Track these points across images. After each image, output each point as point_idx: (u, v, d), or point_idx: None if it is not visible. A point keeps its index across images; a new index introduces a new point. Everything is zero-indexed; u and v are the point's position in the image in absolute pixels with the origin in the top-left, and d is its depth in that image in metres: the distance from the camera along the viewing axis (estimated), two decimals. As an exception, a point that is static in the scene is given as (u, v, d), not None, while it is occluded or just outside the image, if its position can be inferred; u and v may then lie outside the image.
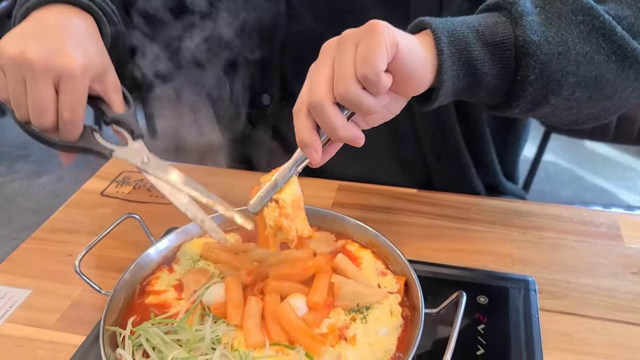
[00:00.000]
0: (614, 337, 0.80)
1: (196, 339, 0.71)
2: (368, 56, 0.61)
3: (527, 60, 0.72)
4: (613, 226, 1.01)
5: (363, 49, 0.61)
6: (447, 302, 0.75)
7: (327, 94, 0.63)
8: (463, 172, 1.13)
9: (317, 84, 0.64)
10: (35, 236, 1.04)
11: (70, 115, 0.74)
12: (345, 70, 0.62)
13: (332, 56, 0.65)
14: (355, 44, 0.63)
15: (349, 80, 0.62)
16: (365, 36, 0.62)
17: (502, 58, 0.73)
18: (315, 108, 0.64)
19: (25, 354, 0.81)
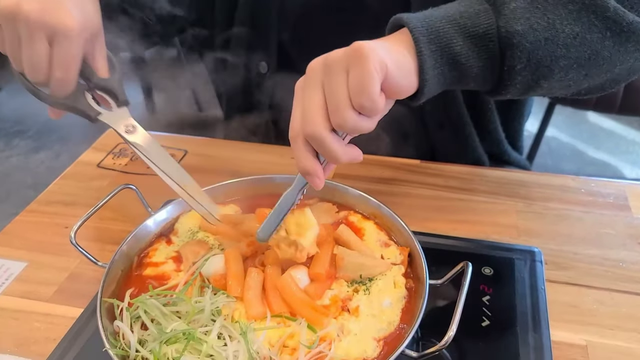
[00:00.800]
0: (621, 308, 0.79)
1: (195, 310, 0.69)
2: (362, 86, 0.60)
3: (512, 50, 0.69)
4: (621, 197, 0.99)
5: (355, 78, 0.60)
6: (453, 272, 0.74)
7: (324, 123, 0.62)
8: (466, 141, 1.10)
9: (312, 114, 0.62)
10: (31, 208, 1.02)
11: (62, 74, 0.72)
12: (339, 100, 0.61)
13: (320, 81, 0.63)
14: (345, 70, 0.61)
15: (346, 110, 0.61)
16: (355, 63, 0.60)
17: (487, 50, 0.70)
18: (314, 139, 0.63)
19: (21, 327, 0.79)
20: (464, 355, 0.73)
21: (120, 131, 0.76)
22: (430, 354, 0.65)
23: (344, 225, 0.82)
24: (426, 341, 0.75)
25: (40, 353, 0.75)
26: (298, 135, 0.64)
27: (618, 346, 0.73)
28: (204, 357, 0.64)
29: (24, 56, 0.72)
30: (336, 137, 0.63)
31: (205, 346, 0.65)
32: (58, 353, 0.75)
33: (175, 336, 0.66)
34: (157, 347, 0.65)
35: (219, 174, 1.07)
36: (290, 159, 1.12)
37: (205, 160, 1.13)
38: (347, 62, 0.61)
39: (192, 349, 0.65)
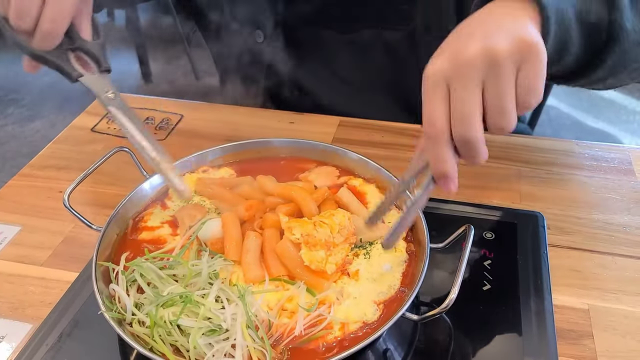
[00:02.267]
0: (624, 272, 0.78)
1: (192, 273, 0.68)
2: (535, 86, 0.54)
3: (613, 46, 0.65)
4: (625, 161, 0.97)
5: (529, 77, 0.53)
6: (455, 235, 0.72)
7: (481, 127, 0.55)
8: None
9: (471, 118, 0.54)
10: (24, 173, 0.99)
11: (49, 28, 0.69)
12: (507, 103, 0.54)
13: (481, 78, 0.54)
14: (516, 67, 0.53)
15: (513, 114, 0.55)
16: (529, 60, 0.53)
17: (592, 41, 0.65)
18: (468, 143, 0.55)
19: (15, 290, 0.78)
20: (465, 319, 0.72)
21: (100, 95, 0.73)
22: (431, 317, 0.64)
23: (344, 188, 0.81)
24: (426, 305, 0.74)
25: (35, 317, 0.74)
26: (442, 135, 0.55)
27: (621, 310, 0.73)
28: (201, 319, 0.63)
29: (12, 1, 0.68)
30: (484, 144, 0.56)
31: (202, 309, 0.64)
32: (53, 317, 0.74)
33: (172, 299, 0.65)
34: (154, 310, 0.64)
35: (215, 138, 1.05)
36: (288, 123, 1.09)
37: (201, 124, 1.11)
38: (519, 58, 0.53)
39: (189, 311, 0.64)
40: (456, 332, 0.71)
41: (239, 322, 0.63)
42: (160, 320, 0.63)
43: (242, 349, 0.62)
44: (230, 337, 0.62)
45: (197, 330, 0.62)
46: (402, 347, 0.70)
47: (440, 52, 0.57)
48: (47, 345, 0.70)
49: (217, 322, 0.63)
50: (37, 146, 1.07)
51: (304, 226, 0.71)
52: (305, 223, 0.72)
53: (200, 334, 0.62)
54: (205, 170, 0.89)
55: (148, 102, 1.18)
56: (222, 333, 0.63)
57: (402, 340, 0.70)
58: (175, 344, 0.63)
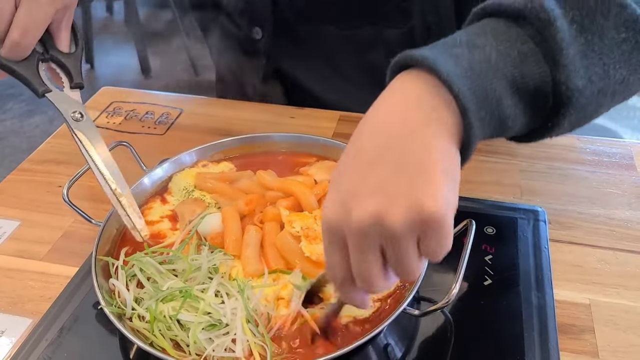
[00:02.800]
0: (626, 267, 0.77)
1: (192, 268, 0.68)
2: (440, 252, 0.48)
3: (566, 109, 0.54)
4: (627, 156, 0.97)
5: (432, 246, 0.47)
6: (456, 230, 0.71)
7: (383, 278, 0.50)
8: None
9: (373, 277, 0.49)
10: (23, 167, 0.99)
11: (19, 38, 0.65)
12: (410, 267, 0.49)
13: (378, 245, 0.48)
14: (416, 239, 0.48)
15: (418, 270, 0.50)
16: (430, 231, 0.46)
17: (535, 108, 0.54)
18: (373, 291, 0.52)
19: (15, 285, 0.78)
20: (466, 314, 0.72)
21: (65, 116, 0.69)
22: (431, 312, 0.64)
23: None
24: (427, 300, 0.73)
25: (35, 311, 0.74)
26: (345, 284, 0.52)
27: (622, 304, 0.72)
28: (201, 314, 0.63)
29: None
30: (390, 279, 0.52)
31: (202, 304, 0.64)
32: (53, 311, 0.73)
33: (172, 294, 0.65)
34: (154, 305, 0.64)
35: (215, 133, 1.05)
36: (289, 118, 1.09)
37: (200, 119, 1.11)
38: (418, 231, 0.47)
39: (189, 306, 0.64)
40: (457, 327, 0.71)
41: (239, 316, 0.63)
42: (160, 314, 0.63)
43: (242, 343, 0.61)
44: (230, 331, 0.62)
45: (196, 325, 0.62)
46: (403, 342, 0.70)
47: (334, 195, 0.50)
48: (46, 340, 0.70)
49: (217, 317, 0.63)
50: (36, 141, 1.07)
51: (304, 219, 0.71)
52: (305, 216, 0.72)
53: (200, 328, 0.62)
54: (204, 165, 0.88)
55: (147, 96, 1.17)
56: (222, 328, 0.63)
57: (402, 335, 0.70)
58: (176, 339, 0.63)
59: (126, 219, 0.68)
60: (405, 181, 0.46)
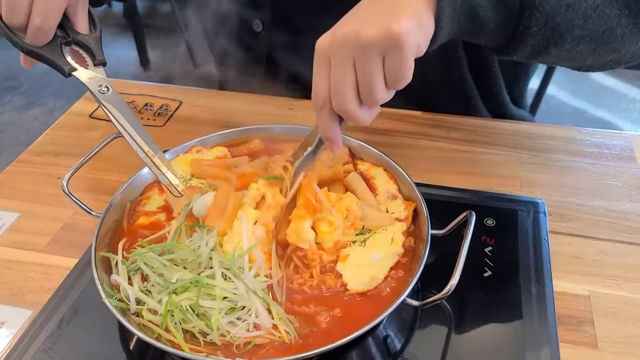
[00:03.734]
0: (625, 259, 0.77)
1: (197, 256, 0.67)
2: (400, 74, 0.59)
3: (532, 10, 0.66)
4: (627, 148, 0.97)
5: (393, 66, 0.59)
6: (456, 221, 0.72)
7: (356, 100, 0.62)
8: (469, 103, 1.08)
9: (344, 92, 0.61)
10: (22, 159, 0.99)
11: (41, 22, 0.69)
12: (374, 84, 0.60)
13: (352, 58, 0.60)
14: (381, 54, 0.59)
15: (380, 92, 0.61)
16: (392, 51, 0.58)
17: (506, 6, 0.67)
18: (345, 114, 0.63)
19: (15, 276, 0.78)
20: (465, 305, 0.72)
21: (93, 90, 0.73)
22: (431, 302, 0.64)
23: (354, 172, 0.80)
24: (427, 291, 0.73)
25: (35, 303, 0.74)
26: (325, 104, 0.63)
27: (622, 296, 0.73)
28: (219, 300, 0.63)
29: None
30: (365, 110, 0.63)
31: (217, 290, 0.64)
32: (53, 303, 0.73)
33: (183, 285, 0.65)
34: (167, 298, 0.63)
35: (214, 125, 1.05)
36: (287, 109, 1.09)
37: (200, 110, 1.10)
38: (384, 47, 0.58)
39: (203, 294, 0.64)
40: (456, 318, 0.71)
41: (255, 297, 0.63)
42: (175, 307, 0.63)
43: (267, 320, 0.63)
44: (251, 310, 0.63)
45: (217, 312, 0.62)
46: (403, 333, 0.70)
47: (331, 29, 0.62)
48: (47, 331, 0.70)
49: (235, 300, 0.63)
50: (36, 134, 1.06)
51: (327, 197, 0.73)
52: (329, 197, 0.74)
53: (222, 314, 0.62)
54: (198, 151, 0.88)
55: (146, 88, 1.17)
56: (240, 310, 0.63)
57: (402, 326, 0.70)
58: (192, 330, 0.63)
59: (162, 177, 0.71)
60: (382, 13, 0.59)
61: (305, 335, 0.63)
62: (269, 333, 0.63)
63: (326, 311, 0.66)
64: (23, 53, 0.74)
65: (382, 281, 0.69)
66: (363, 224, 0.74)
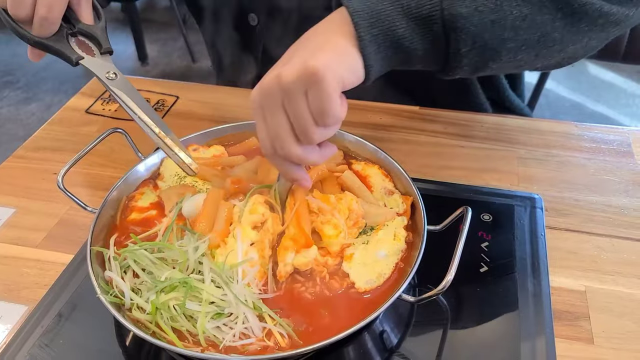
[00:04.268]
0: (622, 254, 0.77)
1: (185, 257, 0.67)
2: (324, 109, 0.59)
3: (457, 33, 0.66)
4: (624, 143, 0.96)
5: (315, 102, 0.58)
6: (452, 217, 0.72)
7: (296, 144, 0.62)
8: (468, 88, 1.07)
9: (283, 139, 0.62)
10: (18, 154, 0.99)
11: (46, 13, 0.70)
12: (305, 124, 0.60)
13: (280, 103, 0.60)
14: (303, 93, 0.59)
15: (313, 131, 0.60)
16: (312, 87, 0.58)
17: (431, 33, 0.67)
18: (291, 159, 0.64)
19: (11, 272, 0.78)
20: (462, 301, 0.72)
21: (101, 77, 0.74)
22: (427, 298, 0.64)
23: (348, 171, 0.80)
24: (423, 287, 0.73)
25: (31, 298, 0.74)
26: (274, 154, 0.64)
27: (618, 291, 0.73)
28: (206, 304, 0.63)
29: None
30: (310, 148, 0.63)
31: (204, 294, 0.63)
32: (49, 298, 0.73)
33: (171, 285, 0.64)
34: (154, 297, 0.63)
35: (211, 120, 1.04)
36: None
37: (196, 105, 1.10)
38: (304, 85, 0.58)
39: (190, 296, 0.64)
40: (453, 313, 0.71)
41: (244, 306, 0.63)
42: (163, 305, 0.63)
43: (259, 328, 0.62)
44: (238, 318, 0.62)
45: (204, 315, 0.62)
46: (399, 328, 0.70)
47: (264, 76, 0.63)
48: (42, 327, 0.70)
49: (223, 306, 0.63)
50: (33, 129, 1.06)
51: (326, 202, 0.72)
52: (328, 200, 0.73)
53: (208, 318, 0.62)
54: (195, 149, 0.87)
55: (143, 83, 1.16)
56: (227, 317, 0.63)
57: (398, 321, 0.70)
58: (180, 329, 0.63)
59: (175, 157, 0.71)
60: (302, 53, 0.60)
61: (303, 332, 0.63)
62: (261, 340, 0.62)
63: (325, 309, 0.66)
64: (30, 45, 0.74)
65: (388, 277, 0.69)
66: (365, 222, 0.74)
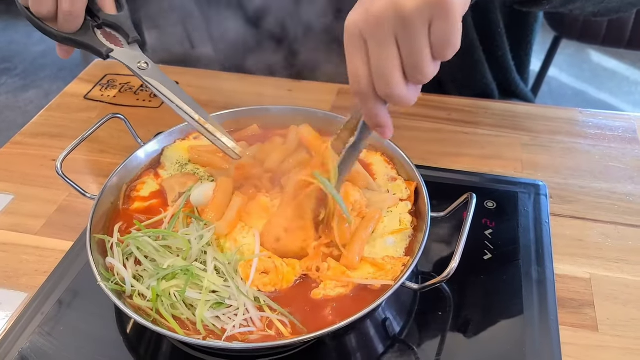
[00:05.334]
0: (627, 242, 0.77)
1: (189, 246, 0.66)
2: (449, 41, 0.52)
3: None
4: (629, 129, 0.95)
5: (441, 32, 0.52)
6: (456, 204, 0.71)
7: (403, 81, 0.55)
8: (475, 67, 1.06)
9: (391, 75, 0.54)
10: (16, 140, 0.98)
11: (69, 7, 0.70)
12: (421, 57, 0.53)
13: (393, 34, 0.53)
14: (427, 23, 0.52)
15: (429, 66, 0.54)
16: (440, 16, 0.51)
17: None
18: (393, 98, 0.56)
19: (10, 259, 0.77)
20: (465, 288, 0.71)
21: (133, 68, 0.74)
22: (431, 286, 0.63)
23: None
24: (427, 274, 0.73)
25: (30, 285, 0.73)
26: (368, 91, 0.56)
27: (623, 279, 0.72)
28: (206, 293, 0.62)
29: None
30: (412, 91, 0.56)
31: (205, 282, 0.63)
32: (49, 285, 0.73)
33: (173, 272, 0.64)
34: (156, 284, 0.63)
35: (212, 106, 1.03)
36: (286, 91, 1.07)
37: (198, 91, 1.08)
38: (429, 14, 0.51)
39: (191, 284, 0.63)
40: (456, 301, 0.70)
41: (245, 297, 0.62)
42: (164, 293, 0.62)
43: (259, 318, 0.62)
44: (239, 309, 0.62)
45: (203, 304, 0.61)
46: (402, 316, 0.69)
47: (357, 5, 0.56)
48: (42, 314, 0.69)
49: (224, 295, 0.62)
50: (32, 116, 1.05)
51: None
52: None
53: (207, 307, 0.61)
54: (196, 137, 0.86)
55: (142, 69, 1.15)
56: (226, 307, 0.62)
57: (401, 309, 0.70)
58: (181, 317, 0.62)
59: (218, 142, 0.72)
60: None
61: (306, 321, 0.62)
62: (262, 330, 0.61)
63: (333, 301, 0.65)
64: (58, 42, 0.74)
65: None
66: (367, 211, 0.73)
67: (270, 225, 0.69)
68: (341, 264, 0.66)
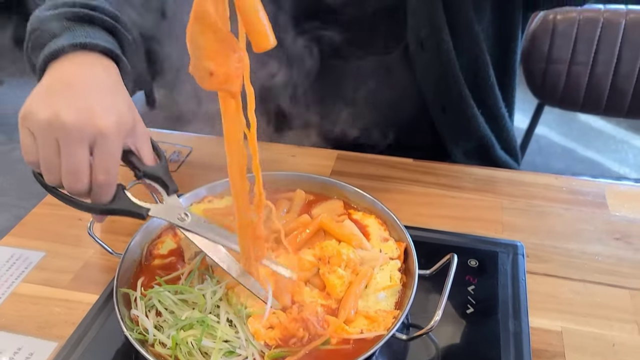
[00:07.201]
0: (595, 298, 0.85)
1: (204, 302, 0.75)
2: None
3: None
4: (599, 195, 1.06)
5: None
6: (440, 263, 0.80)
7: None
8: (469, 121, 1.13)
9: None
10: (46, 202, 1.07)
11: (105, 178, 0.71)
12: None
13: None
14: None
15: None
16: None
17: None
18: None
19: (41, 311, 0.86)
20: (450, 339, 0.79)
21: (173, 222, 0.75)
22: (418, 336, 0.72)
23: (347, 220, 0.88)
24: (415, 326, 0.81)
25: (60, 335, 0.81)
26: None
27: (591, 332, 0.80)
28: (220, 342, 0.71)
29: (64, 166, 0.69)
30: None
31: (219, 332, 0.71)
32: (77, 335, 0.81)
33: (190, 323, 0.73)
34: (175, 333, 0.71)
35: (223, 171, 1.12)
36: (290, 157, 1.18)
37: (209, 157, 1.19)
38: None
39: (206, 334, 0.72)
40: (442, 351, 0.78)
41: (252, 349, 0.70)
42: (182, 341, 0.71)
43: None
44: (248, 358, 0.70)
45: (217, 352, 0.69)
46: (393, 364, 0.77)
47: None
48: (71, 361, 0.77)
49: (235, 345, 0.71)
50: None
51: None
52: None
53: (220, 355, 0.69)
54: (210, 201, 0.96)
55: (159, 135, 1.26)
56: (237, 356, 0.70)
57: (392, 358, 0.78)
58: None
59: (254, 289, 0.74)
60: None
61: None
62: None
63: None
64: (95, 214, 0.76)
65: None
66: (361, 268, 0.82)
67: None
68: (338, 317, 0.75)
